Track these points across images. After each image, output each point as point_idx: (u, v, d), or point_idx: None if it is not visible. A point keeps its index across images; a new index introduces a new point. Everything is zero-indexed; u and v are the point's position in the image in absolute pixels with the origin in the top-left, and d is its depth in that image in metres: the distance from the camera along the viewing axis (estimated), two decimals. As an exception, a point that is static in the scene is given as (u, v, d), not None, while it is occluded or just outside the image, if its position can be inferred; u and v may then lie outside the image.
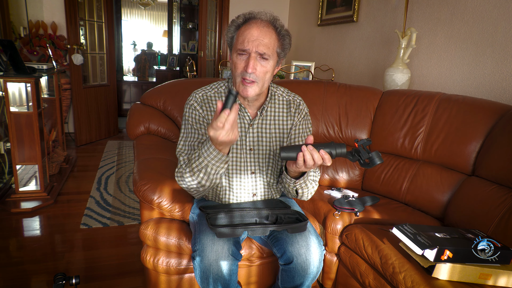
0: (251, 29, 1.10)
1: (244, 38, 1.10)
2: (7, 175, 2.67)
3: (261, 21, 1.12)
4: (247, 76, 1.10)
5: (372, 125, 1.91)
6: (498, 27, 1.86)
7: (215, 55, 4.38)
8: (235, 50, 1.14)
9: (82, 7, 3.81)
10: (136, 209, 2.48)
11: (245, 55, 1.11)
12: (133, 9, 8.53)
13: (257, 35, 1.09)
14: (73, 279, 1.25)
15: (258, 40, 1.09)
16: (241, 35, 1.11)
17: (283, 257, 1.15)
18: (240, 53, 1.11)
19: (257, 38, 1.09)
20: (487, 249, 1.07)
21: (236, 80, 1.14)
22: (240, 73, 1.12)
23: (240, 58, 1.12)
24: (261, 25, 1.11)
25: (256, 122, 1.25)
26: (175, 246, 1.31)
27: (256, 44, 1.09)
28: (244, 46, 1.09)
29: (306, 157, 0.97)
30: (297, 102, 1.30)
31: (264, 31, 1.10)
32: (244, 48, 1.09)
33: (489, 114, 1.53)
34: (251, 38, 1.09)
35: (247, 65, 1.10)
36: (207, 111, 1.22)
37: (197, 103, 1.22)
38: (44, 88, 3.25)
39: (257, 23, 1.11)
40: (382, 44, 2.74)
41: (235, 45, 1.14)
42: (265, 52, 1.10)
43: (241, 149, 1.24)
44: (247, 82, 1.12)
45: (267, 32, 1.11)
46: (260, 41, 1.09)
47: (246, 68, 1.09)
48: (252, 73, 1.10)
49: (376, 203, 1.65)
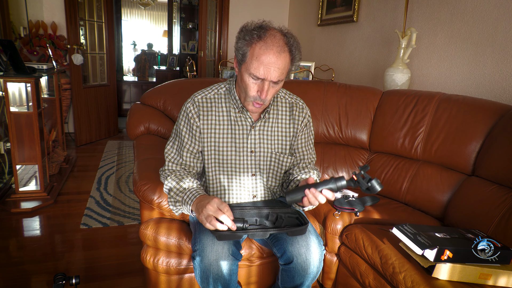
0: (267, 53, 1.06)
1: (259, 64, 1.06)
2: (7, 175, 2.67)
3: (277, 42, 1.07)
4: (259, 100, 1.14)
5: (372, 125, 1.91)
6: (498, 27, 1.86)
7: (215, 55, 4.38)
8: (247, 71, 1.10)
9: (82, 7, 3.81)
10: (136, 209, 2.48)
11: (259, 80, 1.10)
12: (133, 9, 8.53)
13: (274, 61, 1.06)
14: (73, 279, 1.25)
15: (274, 67, 1.07)
16: (255, 60, 1.07)
17: (283, 257, 1.15)
18: (254, 78, 1.10)
19: (274, 64, 1.06)
20: (487, 249, 1.07)
21: (247, 99, 1.16)
22: (253, 97, 1.14)
23: (253, 81, 1.11)
24: (277, 49, 1.06)
25: (258, 125, 1.25)
26: (175, 246, 1.31)
27: (271, 72, 1.07)
28: (259, 74, 1.08)
29: (310, 200, 1.01)
30: (300, 106, 1.30)
31: (280, 56, 1.07)
32: (259, 77, 1.08)
33: (489, 114, 1.53)
34: (267, 65, 1.06)
35: (260, 91, 1.11)
36: (204, 116, 1.22)
37: (194, 106, 1.22)
38: (44, 88, 3.25)
39: (273, 43, 1.06)
40: (382, 44, 2.74)
41: (248, 67, 1.09)
42: (280, 79, 1.10)
43: (242, 151, 1.24)
44: (257, 105, 1.16)
45: (282, 55, 1.07)
46: (275, 69, 1.07)
47: (260, 94, 1.11)
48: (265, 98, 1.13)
49: (376, 203, 1.65)
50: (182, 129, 1.24)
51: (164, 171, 1.25)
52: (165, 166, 1.26)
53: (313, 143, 1.35)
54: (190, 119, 1.22)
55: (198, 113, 1.22)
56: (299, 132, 1.29)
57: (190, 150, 1.23)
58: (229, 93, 1.25)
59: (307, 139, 1.32)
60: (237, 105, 1.22)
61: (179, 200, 1.16)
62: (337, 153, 1.94)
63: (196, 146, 1.23)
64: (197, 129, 1.22)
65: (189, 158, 1.24)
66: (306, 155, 1.32)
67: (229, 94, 1.24)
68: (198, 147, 1.24)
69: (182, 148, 1.23)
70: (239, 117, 1.24)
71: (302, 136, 1.30)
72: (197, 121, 1.22)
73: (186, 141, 1.23)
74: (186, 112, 1.23)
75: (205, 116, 1.22)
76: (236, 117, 1.24)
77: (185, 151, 1.23)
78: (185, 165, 1.24)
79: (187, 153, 1.23)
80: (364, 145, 1.93)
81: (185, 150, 1.23)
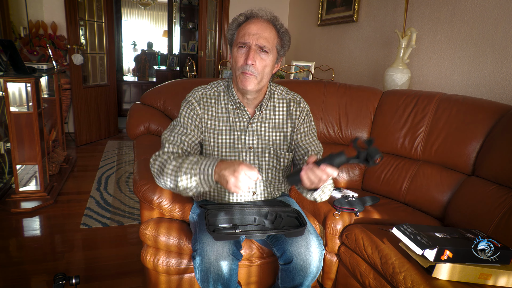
0: (251, 24, 1.14)
1: (244, 32, 1.13)
2: (7, 175, 2.67)
3: (261, 18, 1.15)
4: (247, 69, 1.12)
5: (372, 125, 1.91)
6: (498, 27, 1.86)
7: (215, 55, 4.38)
8: (235, 44, 1.16)
9: (82, 7, 3.81)
10: (136, 209, 2.48)
11: (245, 48, 1.13)
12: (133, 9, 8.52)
13: (258, 29, 1.13)
14: (73, 279, 1.25)
15: (258, 33, 1.12)
16: (241, 30, 1.15)
17: (283, 256, 1.15)
18: (240, 46, 1.13)
19: (258, 32, 1.12)
20: (487, 249, 1.07)
21: (236, 74, 1.16)
22: (241, 67, 1.14)
23: (240, 51, 1.14)
24: (261, 21, 1.15)
25: (256, 121, 1.25)
26: (175, 246, 1.31)
27: (256, 37, 1.12)
28: (244, 39, 1.12)
29: (310, 176, 0.97)
30: (297, 101, 1.30)
31: (264, 26, 1.14)
32: (245, 41, 1.12)
33: (489, 114, 1.53)
34: (252, 32, 1.12)
35: (247, 57, 1.12)
36: (205, 109, 1.23)
37: (195, 100, 1.23)
38: (44, 88, 3.25)
39: (258, 19, 1.15)
40: (382, 44, 2.74)
41: (236, 40, 1.17)
42: (265, 45, 1.12)
43: (240, 147, 1.24)
44: (248, 74, 1.14)
45: (267, 27, 1.15)
46: (260, 35, 1.12)
47: (246, 61, 1.12)
48: (252, 66, 1.12)
49: (376, 203, 1.65)
50: (184, 117, 1.21)
51: (161, 154, 1.12)
52: (164, 148, 1.14)
53: (316, 135, 1.32)
54: (192, 110, 1.21)
55: (200, 106, 1.22)
56: (298, 126, 1.28)
57: (191, 139, 1.19)
58: (227, 91, 1.25)
59: (309, 132, 1.30)
60: (234, 102, 1.23)
61: (194, 173, 1.02)
62: (337, 153, 1.94)
63: (196, 136, 1.21)
64: (197, 118, 1.21)
65: (189, 146, 1.18)
66: (311, 146, 1.28)
67: (227, 91, 1.25)
68: (198, 137, 1.22)
69: (183, 135, 1.18)
70: (237, 114, 1.24)
71: (302, 129, 1.29)
72: (198, 110, 1.22)
73: (187, 127, 1.20)
74: (189, 104, 1.23)
75: (206, 110, 1.23)
76: (234, 114, 1.24)
77: (186, 137, 1.18)
78: (185, 151, 1.17)
79: (189, 140, 1.18)
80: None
81: (186, 136, 1.18)
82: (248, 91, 1.16)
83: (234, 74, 1.18)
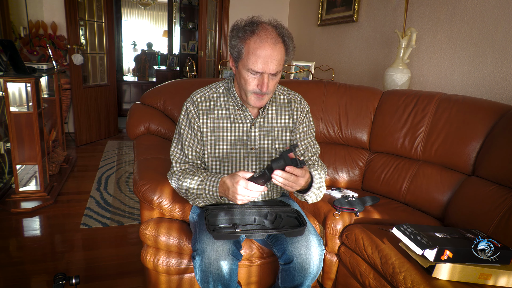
0: (262, 47, 1.08)
1: (256, 58, 1.08)
2: (7, 175, 2.67)
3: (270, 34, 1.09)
4: (260, 93, 1.14)
5: (372, 125, 1.91)
6: (498, 27, 1.86)
7: (215, 55, 4.38)
8: (245, 67, 1.11)
9: (82, 7, 3.81)
10: (136, 209, 2.48)
11: (257, 74, 1.12)
12: (133, 9, 8.52)
13: (270, 53, 1.08)
14: (73, 279, 1.25)
15: (271, 59, 1.09)
16: (252, 55, 1.09)
17: (283, 256, 1.15)
18: (253, 73, 1.11)
19: (270, 56, 1.08)
20: (487, 249, 1.07)
21: (247, 94, 1.16)
22: (253, 90, 1.14)
23: (252, 76, 1.12)
24: (270, 38, 1.08)
25: (258, 122, 1.25)
26: (175, 246, 1.31)
27: (269, 65, 1.09)
28: (257, 69, 1.09)
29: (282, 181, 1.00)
30: (298, 100, 1.31)
31: (275, 47, 1.09)
32: (257, 71, 1.10)
33: (489, 114, 1.53)
34: (264, 58, 1.08)
35: (260, 84, 1.12)
36: (203, 113, 1.23)
37: (193, 106, 1.23)
38: (44, 88, 3.25)
39: (266, 35, 1.08)
40: (382, 44, 2.74)
41: (246, 63, 1.11)
42: (278, 70, 1.12)
43: (242, 148, 1.25)
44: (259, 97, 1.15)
45: (277, 46, 1.09)
46: (272, 61, 1.09)
47: (260, 88, 1.12)
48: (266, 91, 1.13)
49: (376, 203, 1.65)
50: (184, 129, 1.24)
51: (173, 173, 1.24)
52: (173, 168, 1.24)
53: (314, 136, 1.34)
54: (190, 119, 1.23)
55: (198, 112, 1.23)
56: (297, 125, 1.29)
57: (194, 149, 1.24)
58: (228, 91, 1.25)
59: (307, 131, 1.31)
60: (236, 103, 1.23)
61: (201, 193, 1.15)
62: (337, 153, 1.94)
63: (199, 146, 1.24)
64: (198, 128, 1.23)
65: (195, 157, 1.24)
66: (308, 146, 1.31)
67: (228, 92, 1.25)
68: (201, 146, 1.24)
69: (187, 148, 1.23)
70: (239, 115, 1.24)
71: (301, 128, 1.30)
72: (197, 121, 1.23)
73: (189, 141, 1.23)
74: (187, 112, 1.24)
75: (205, 115, 1.23)
76: (236, 114, 1.24)
77: (189, 150, 1.24)
78: (192, 163, 1.25)
79: (192, 152, 1.24)
80: (364, 145, 1.93)
81: (189, 149, 1.24)
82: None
83: (243, 92, 1.17)
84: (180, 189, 1.21)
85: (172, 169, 1.25)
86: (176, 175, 1.22)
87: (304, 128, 1.30)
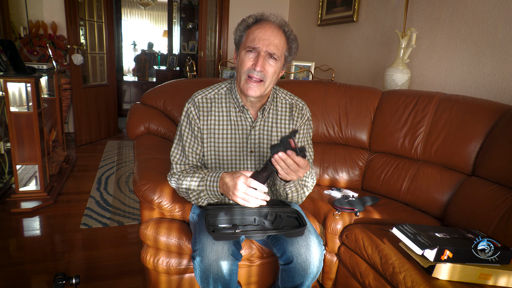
0: (262, 29, 1.12)
1: (254, 36, 1.11)
2: (7, 175, 2.67)
3: (272, 23, 1.13)
4: (255, 74, 1.11)
5: (372, 125, 1.91)
6: (498, 27, 1.86)
7: (215, 55, 4.38)
8: (243, 47, 1.14)
9: (82, 7, 3.81)
10: (136, 209, 2.48)
11: (254, 53, 1.12)
12: (133, 9, 8.52)
13: (268, 35, 1.11)
14: (73, 279, 1.25)
15: (269, 39, 1.10)
16: (251, 34, 1.13)
17: (283, 256, 1.15)
18: (249, 51, 1.12)
19: (268, 37, 1.11)
20: (487, 249, 1.07)
21: (241, 77, 1.15)
22: (247, 70, 1.12)
23: (248, 55, 1.12)
24: (272, 26, 1.12)
25: (258, 124, 1.25)
26: (175, 246, 1.31)
27: (266, 43, 1.10)
28: (254, 44, 1.11)
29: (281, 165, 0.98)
30: (299, 106, 1.30)
31: (275, 32, 1.12)
32: (255, 46, 1.11)
33: (489, 114, 1.53)
34: (262, 37, 1.11)
35: (255, 63, 1.11)
36: (204, 115, 1.22)
37: (194, 107, 1.23)
38: (44, 88, 3.25)
39: (268, 24, 1.13)
40: (382, 44, 2.74)
41: (244, 42, 1.14)
42: (275, 52, 1.11)
43: (241, 151, 1.24)
44: (253, 81, 1.12)
45: (278, 34, 1.13)
46: (271, 41, 1.11)
47: (255, 66, 1.11)
48: (261, 71, 1.11)
49: (376, 203, 1.65)
50: (184, 131, 1.24)
51: (172, 174, 1.24)
52: (173, 169, 1.24)
53: (310, 144, 1.33)
54: (191, 121, 1.22)
55: (199, 114, 1.22)
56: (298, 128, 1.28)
57: (194, 150, 1.23)
58: (230, 93, 1.25)
59: (304, 137, 1.30)
60: (237, 104, 1.23)
61: (202, 189, 1.14)
62: (337, 153, 1.94)
63: (199, 147, 1.24)
64: (198, 129, 1.23)
65: (195, 159, 1.24)
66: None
67: (230, 94, 1.25)
68: (201, 148, 1.24)
69: (187, 150, 1.23)
70: (239, 117, 1.24)
71: (300, 131, 1.29)
72: (198, 122, 1.22)
73: (190, 142, 1.23)
74: (187, 113, 1.23)
75: (205, 116, 1.23)
76: (236, 116, 1.24)
77: (190, 152, 1.23)
78: (192, 165, 1.25)
79: (193, 153, 1.24)
80: (364, 145, 1.93)
81: (190, 151, 1.23)
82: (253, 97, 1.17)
83: (238, 76, 1.17)
84: (180, 189, 1.21)
85: (172, 170, 1.25)
86: (176, 175, 1.22)
87: (302, 132, 1.29)
